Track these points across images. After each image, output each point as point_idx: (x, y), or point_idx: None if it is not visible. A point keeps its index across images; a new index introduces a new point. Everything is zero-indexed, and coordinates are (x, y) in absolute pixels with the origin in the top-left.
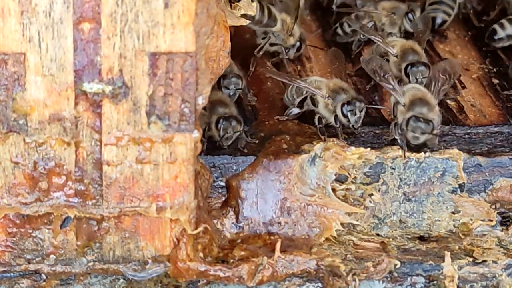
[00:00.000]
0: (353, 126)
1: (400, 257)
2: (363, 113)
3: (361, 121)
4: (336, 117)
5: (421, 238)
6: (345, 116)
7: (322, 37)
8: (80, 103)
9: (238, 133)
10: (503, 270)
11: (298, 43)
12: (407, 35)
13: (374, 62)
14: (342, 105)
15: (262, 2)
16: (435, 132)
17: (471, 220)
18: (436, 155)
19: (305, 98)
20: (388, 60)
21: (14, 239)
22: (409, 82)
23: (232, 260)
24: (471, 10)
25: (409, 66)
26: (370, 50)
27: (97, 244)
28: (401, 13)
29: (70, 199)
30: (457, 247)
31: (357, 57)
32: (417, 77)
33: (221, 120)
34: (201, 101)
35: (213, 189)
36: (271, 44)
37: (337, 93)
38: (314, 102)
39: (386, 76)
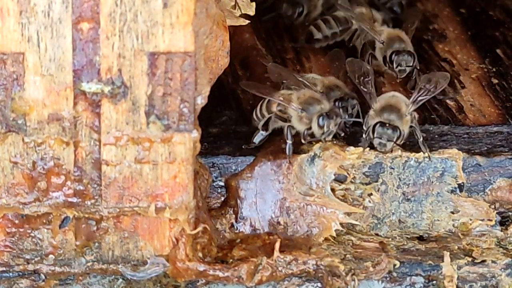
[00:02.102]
0: (344, 123)
1: (399, 257)
2: (355, 110)
3: (351, 119)
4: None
5: (420, 238)
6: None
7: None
8: (79, 103)
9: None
10: (502, 270)
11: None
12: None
13: (355, 65)
14: (335, 101)
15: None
16: (399, 141)
17: (470, 220)
18: (436, 155)
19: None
20: (374, 49)
21: (13, 239)
22: (392, 69)
23: (231, 260)
24: None
25: (394, 54)
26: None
27: (96, 244)
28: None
29: (69, 199)
30: (456, 247)
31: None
32: (401, 65)
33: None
34: (200, 101)
35: (212, 189)
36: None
37: (331, 90)
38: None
39: (365, 80)
